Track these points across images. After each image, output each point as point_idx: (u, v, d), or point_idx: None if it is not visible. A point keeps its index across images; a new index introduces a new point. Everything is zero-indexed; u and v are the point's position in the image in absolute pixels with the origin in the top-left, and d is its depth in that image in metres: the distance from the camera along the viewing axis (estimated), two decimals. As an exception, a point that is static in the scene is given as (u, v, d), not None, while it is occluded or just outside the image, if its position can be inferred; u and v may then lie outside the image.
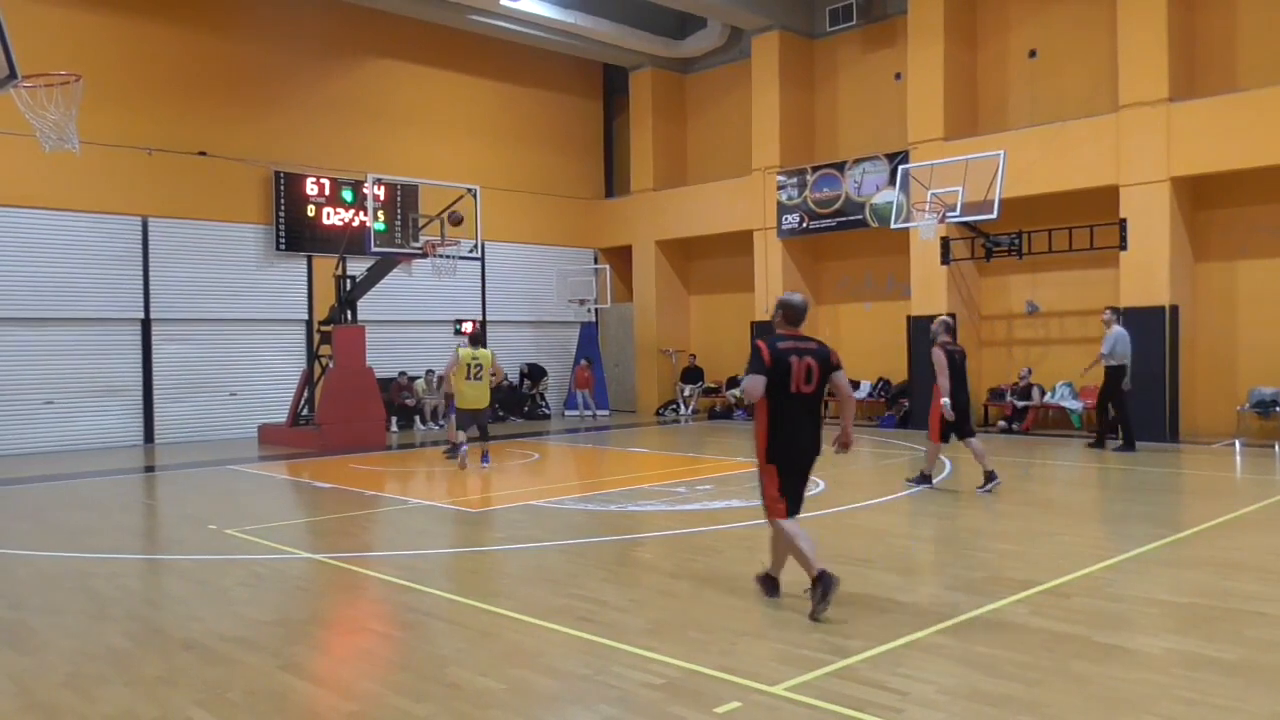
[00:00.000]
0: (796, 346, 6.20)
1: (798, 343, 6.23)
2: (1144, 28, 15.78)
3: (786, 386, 6.12)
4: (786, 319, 6.36)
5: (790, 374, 6.12)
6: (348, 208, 19.81)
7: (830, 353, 6.30)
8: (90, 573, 7.62)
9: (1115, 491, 11.72)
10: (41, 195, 16.41)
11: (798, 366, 6.13)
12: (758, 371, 6.08)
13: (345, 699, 4.82)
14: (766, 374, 6.07)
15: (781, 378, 6.11)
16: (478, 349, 13.16)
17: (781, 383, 6.11)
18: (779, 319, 6.42)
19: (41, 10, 16.13)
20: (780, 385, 6.11)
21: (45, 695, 4.90)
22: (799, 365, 6.13)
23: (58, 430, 16.71)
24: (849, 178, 19.79)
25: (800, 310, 6.34)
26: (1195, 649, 5.30)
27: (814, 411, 6.31)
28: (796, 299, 6.39)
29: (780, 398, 6.14)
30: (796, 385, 6.15)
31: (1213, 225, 16.27)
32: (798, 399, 6.17)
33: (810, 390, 6.20)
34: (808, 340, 6.30)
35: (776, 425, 6.20)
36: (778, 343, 6.18)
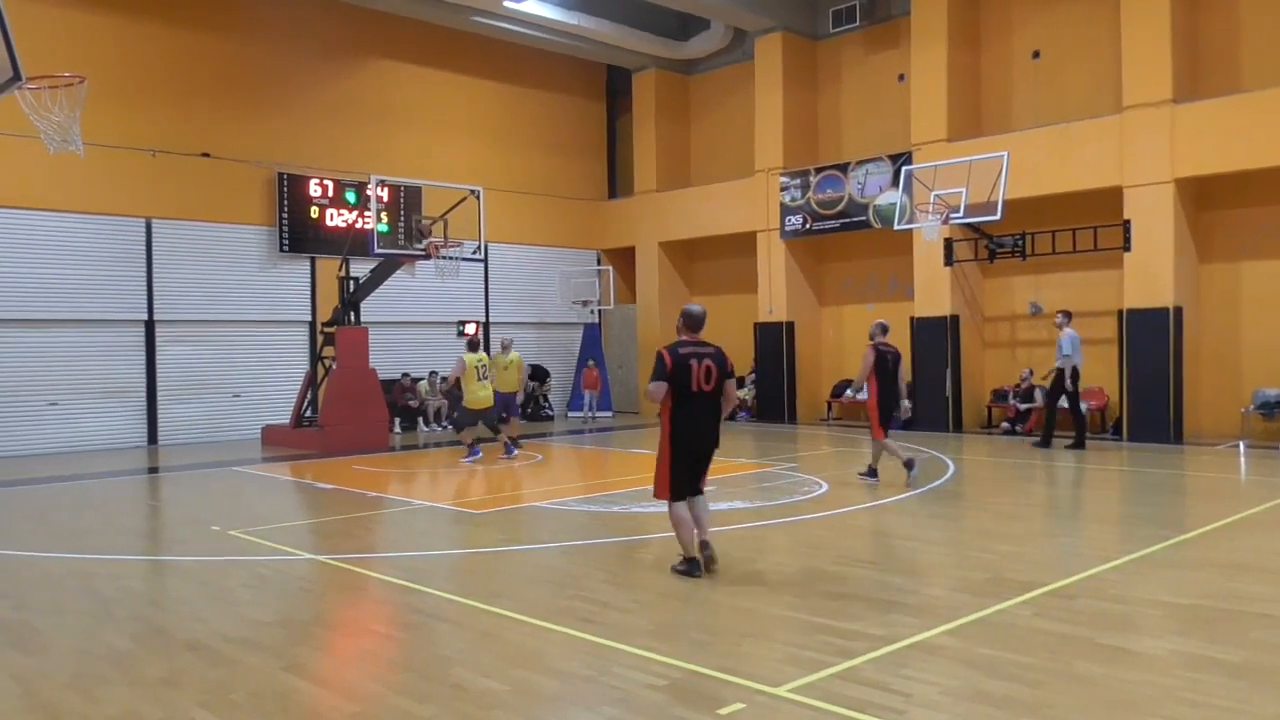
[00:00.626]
0: (696, 351, 7.04)
1: (697, 348, 7.06)
2: (1148, 29, 15.76)
3: (688, 387, 6.97)
4: (687, 326, 7.24)
5: (691, 376, 6.97)
6: (351, 209, 19.82)
7: (726, 358, 7.17)
8: (94, 574, 7.63)
9: (1119, 493, 11.70)
10: (45, 197, 16.44)
11: (697, 369, 6.99)
12: (660, 378, 6.96)
13: (348, 700, 4.83)
14: (668, 378, 6.94)
15: (683, 380, 6.95)
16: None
17: (684, 384, 6.95)
18: (681, 326, 7.29)
19: (46, 12, 16.16)
20: (683, 386, 6.95)
21: (49, 696, 4.91)
22: (699, 368, 6.99)
23: (62, 431, 16.73)
24: (852, 179, 19.78)
25: (699, 319, 7.23)
26: (1199, 651, 5.29)
27: (714, 408, 7.13)
28: (695, 309, 7.32)
29: (683, 396, 6.98)
30: (697, 385, 7.00)
31: (1217, 226, 16.24)
32: (698, 397, 7.02)
33: (710, 389, 7.05)
34: (706, 345, 7.12)
35: (679, 420, 7.04)
36: (679, 349, 7.04)
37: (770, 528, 9.18)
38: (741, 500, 10.58)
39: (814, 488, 11.39)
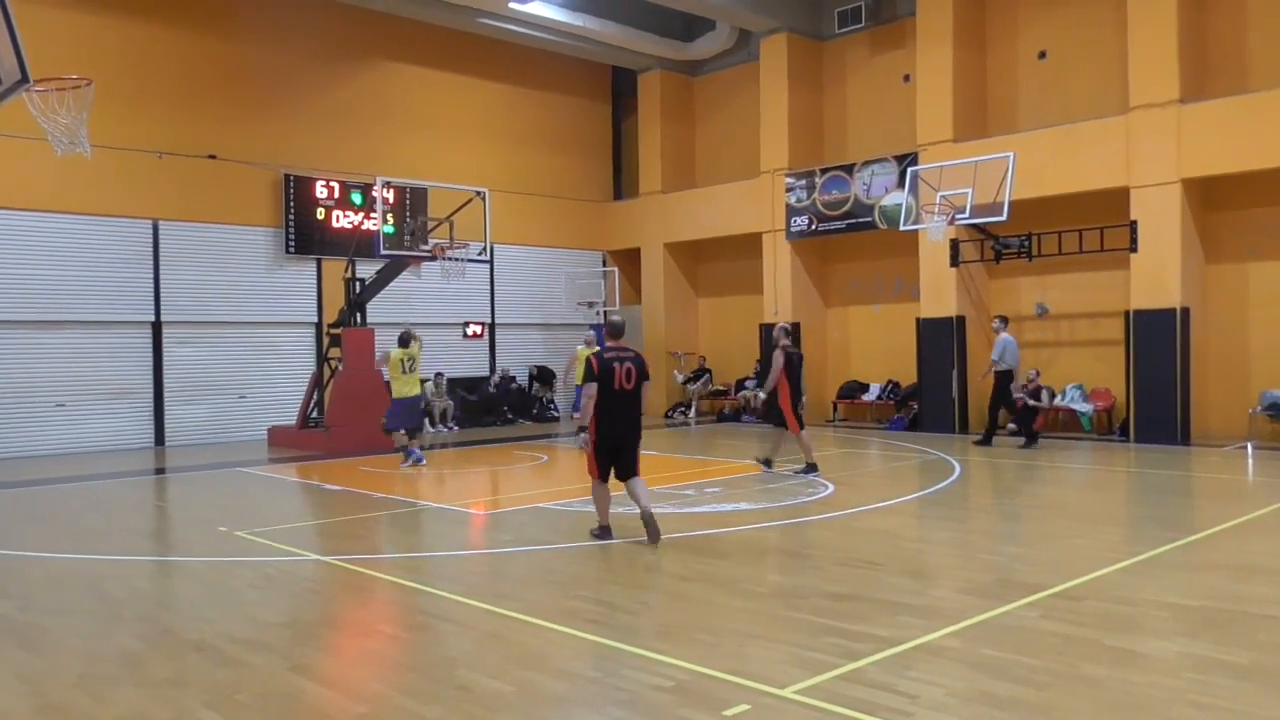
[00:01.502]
0: (619, 355, 8.36)
1: (620, 353, 8.39)
2: (1154, 29, 15.72)
3: (611, 386, 8.24)
4: (611, 334, 8.62)
5: (614, 377, 8.26)
6: (357, 211, 19.85)
7: (644, 361, 8.53)
8: (101, 574, 7.65)
9: (1126, 494, 11.68)
10: (53, 199, 16.49)
11: (619, 371, 8.29)
12: (590, 379, 8.29)
13: (355, 701, 4.83)
14: (597, 379, 8.22)
15: (608, 380, 8.24)
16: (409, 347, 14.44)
17: (608, 384, 8.23)
18: (606, 334, 8.67)
19: (53, 15, 16.22)
20: (607, 386, 8.23)
21: (57, 696, 4.92)
22: (620, 370, 8.30)
23: (69, 432, 16.78)
24: (858, 180, 19.76)
25: (620, 328, 8.66)
26: (1207, 653, 5.27)
27: (633, 404, 8.38)
28: (617, 319, 8.73)
29: (607, 394, 8.25)
30: (619, 384, 8.27)
31: (1224, 227, 16.20)
32: (620, 395, 8.31)
33: (630, 388, 8.33)
34: (627, 350, 8.46)
35: (604, 414, 8.31)
36: (604, 354, 8.37)
37: (775, 529, 9.18)
38: (747, 501, 10.57)
39: (819, 489, 11.38)
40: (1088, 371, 17.61)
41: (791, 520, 9.52)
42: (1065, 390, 17.68)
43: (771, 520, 9.52)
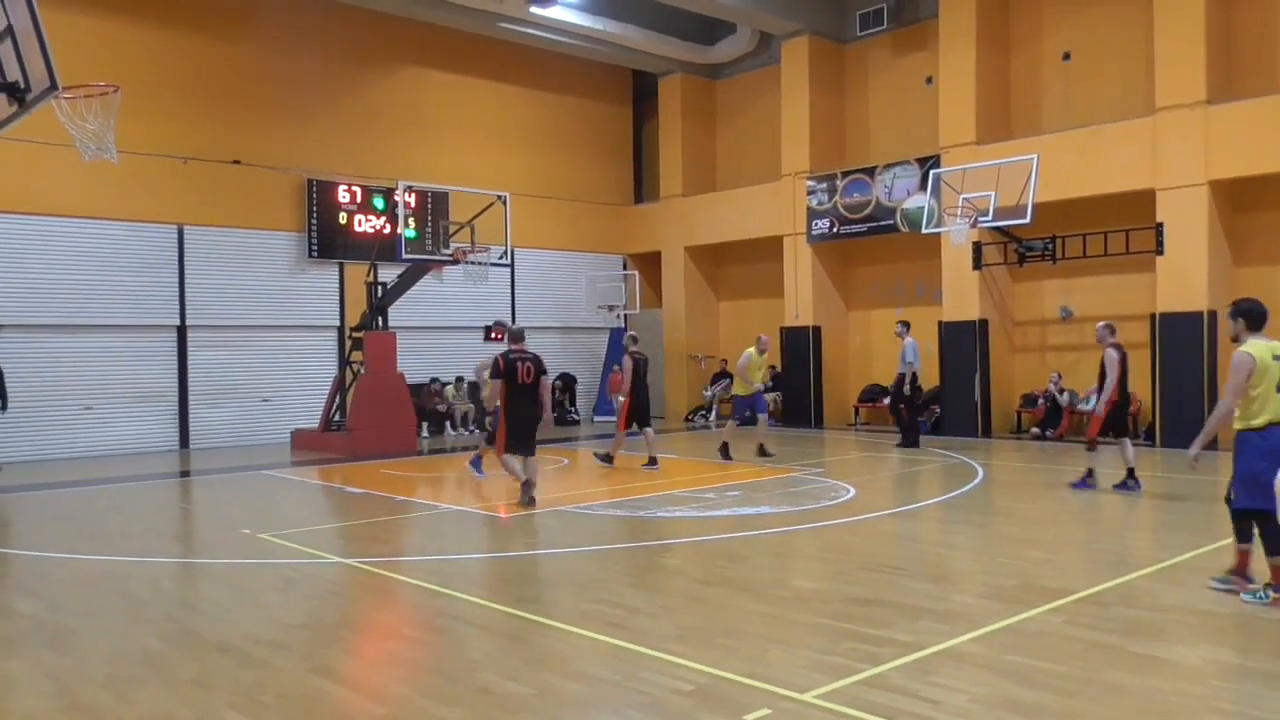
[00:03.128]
0: (521, 356, 10.66)
1: (521, 354, 10.69)
2: (1181, 28, 15.57)
3: (515, 380, 10.56)
4: (512, 339, 10.84)
5: (517, 373, 10.56)
6: (379, 215, 19.96)
7: (541, 360, 10.79)
8: (127, 575, 7.72)
9: (1151, 500, 11.56)
10: (80, 204, 16.68)
11: (521, 369, 10.60)
12: (496, 376, 10.60)
13: (376, 703, 4.85)
14: (503, 376, 10.54)
15: (512, 376, 10.55)
16: None
17: (513, 379, 10.55)
18: (508, 339, 10.87)
19: (81, 23, 16.40)
20: (512, 380, 10.55)
21: (84, 696, 4.97)
22: (522, 368, 10.61)
23: (96, 435, 16.95)
24: (879, 183, 19.68)
25: (520, 334, 10.89)
26: (1235, 660, 5.21)
27: (533, 396, 10.72)
28: (516, 328, 10.98)
29: (513, 388, 10.58)
30: (522, 380, 10.59)
31: (1253, 229, 16.01)
32: (523, 388, 10.62)
33: (530, 382, 10.64)
34: (527, 352, 10.76)
35: (511, 403, 10.62)
36: (509, 354, 10.65)
37: (797, 533, 9.15)
38: (768, 505, 10.55)
39: (841, 493, 11.34)
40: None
41: (813, 524, 9.49)
42: (1089, 394, 17.51)
43: (792, 524, 9.49)
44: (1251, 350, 6.40)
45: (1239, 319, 6.65)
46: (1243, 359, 6.38)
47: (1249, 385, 6.35)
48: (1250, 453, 6.44)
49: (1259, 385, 6.34)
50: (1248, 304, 6.67)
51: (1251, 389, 6.37)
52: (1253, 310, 6.60)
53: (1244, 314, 6.62)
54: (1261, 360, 6.33)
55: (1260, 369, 6.32)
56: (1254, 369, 6.33)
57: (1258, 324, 6.58)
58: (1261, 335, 6.55)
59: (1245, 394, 6.36)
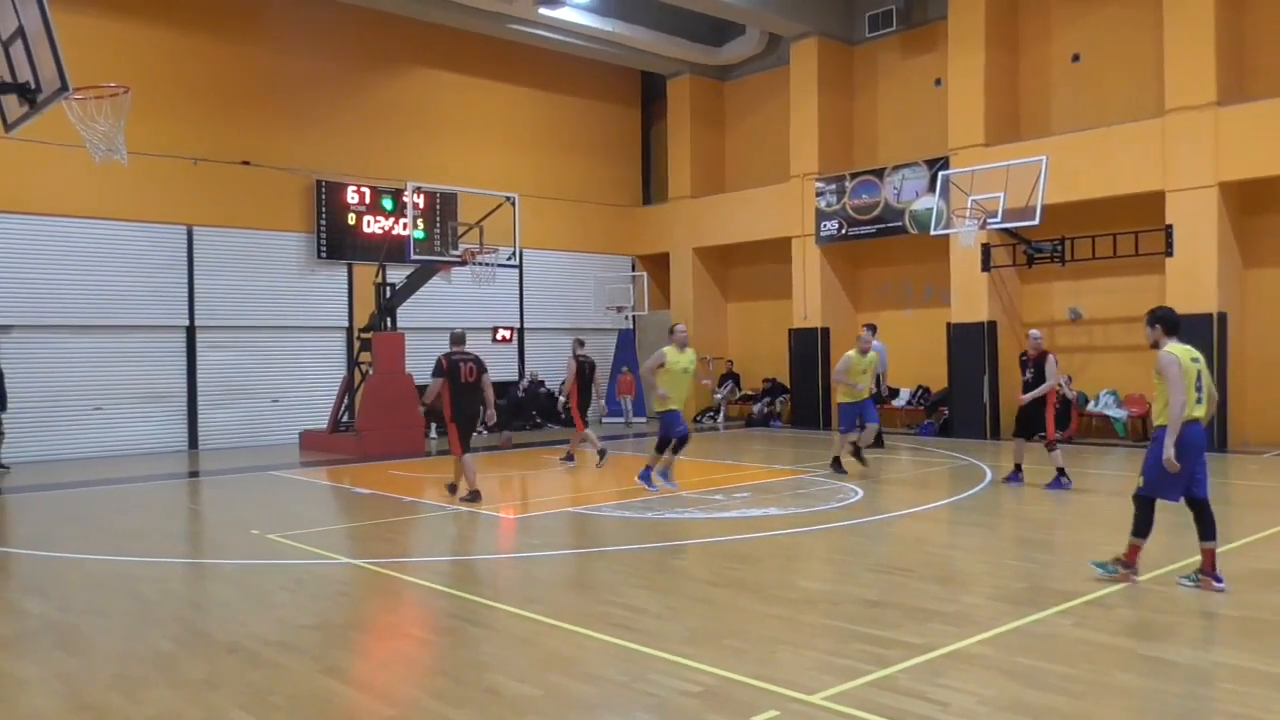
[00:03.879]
0: (463, 357, 11.19)
1: (463, 355, 11.21)
2: (1191, 30, 15.52)
3: (459, 379, 11.08)
4: (455, 342, 11.39)
5: (459, 372, 11.08)
6: (388, 216, 19.99)
7: (482, 361, 11.33)
8: (137, 576, 7.75)
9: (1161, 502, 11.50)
10: (90, 205, 16.75)
11: (464, 368, 11.13)
12: (438, 375, 11.10)
13: (385, 703, 4.86)
14: (445, 375, 11.06)
15: (456, 376, 11.07)
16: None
17: (456, 378, 11.07)
18: (451, 341, 11.40)
19: (92, 24, 16.46)
20: (455, 380, 11.07)
21: (93, 696, 4.99)
22: (464, 368, 11.14)
23: (105, 436, 17.01)
24: (888, 184, 19.66)
25: (461, 337, 11.50)
26: (1244, 662, 5.19)
27: (475, 394, 11.22)
28: (457, 331, 11.58)
29: (456, 387, 11.10)
30: (465, 379, 11.10)
31: (1262, 231, 15.95)
32: (466, 386, 11.14)
33: (472, 381, 11.17)
34: (468, 353, 11.30)
35: (455, 402, 11.15)
36: (452, 355, 11.17)
37: (805, 534, 9.14)
38: (775, 507, 10.54)
39: (848, 494, 11.32)
40: (1122, 377, 17.39)
41: (821, 526, 9.48)
42: (1099, 396, 17.48)
43: (801, 526, 9.48)
44: (1175, 351, 6.90)
45: (1156, 325, 7.18)
46: (1170, 358, 6.86)
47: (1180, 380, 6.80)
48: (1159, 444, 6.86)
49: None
50: (1163, 311, 7.26)
51: None
52: (1167, 317, 7.18)
53: (1160, 320, 7.17)
54: (1183, 361, 6.84)
55: (1182, 369, 6.81)
56: (1181, 368, 6.80)
57: (1173, 329, 7.13)
58: (1177, 339, 7.07)
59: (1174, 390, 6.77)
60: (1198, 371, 6.89)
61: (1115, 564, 7.05)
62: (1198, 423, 6.88)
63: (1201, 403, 6.89)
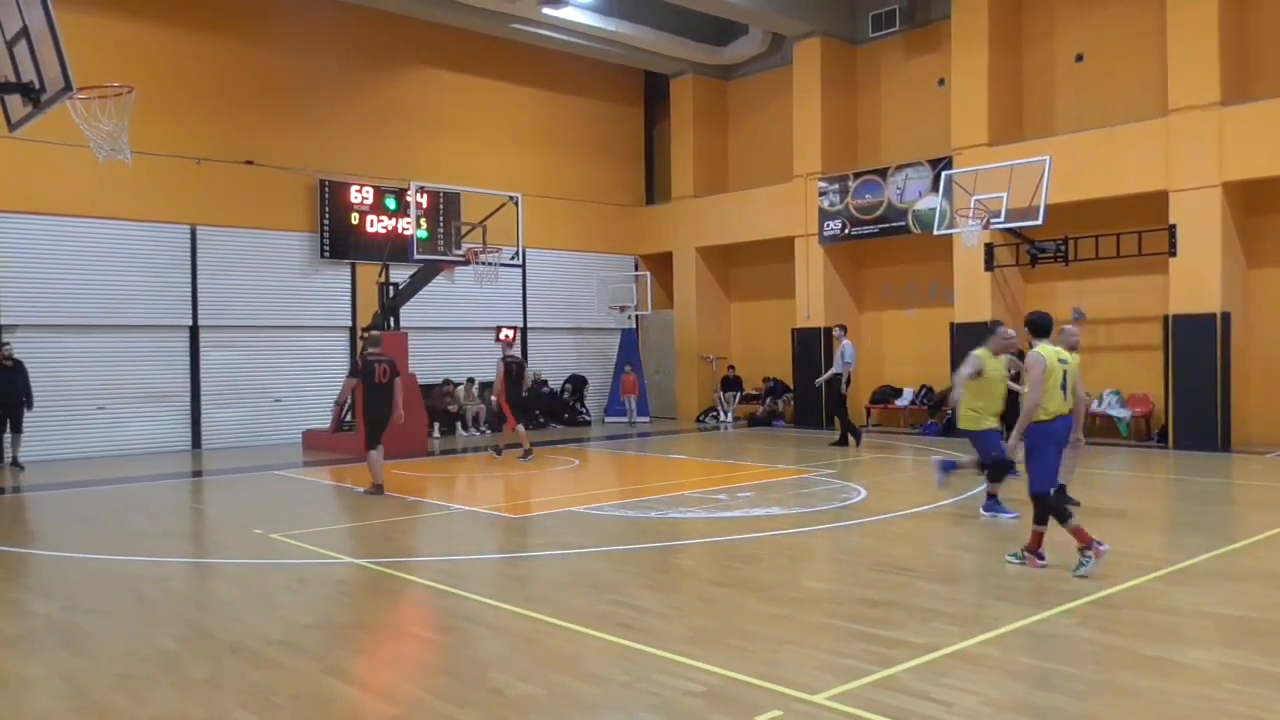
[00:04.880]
0: (378, 358, 11.83)
1: (379, 357, 11.86)
2: (1195, 30, 15.50)
3: (373, 379, 11.76)
4: (372, 343, 12.05)
5: (374, 373, 11.73)
6: (391, 215, 20.01)
7: (396, 363, 12.07)
8: (140, 576, 7.75)
9: (1165, 501, 11.51)
10: (93, 205, 16.77)
11: (379, 369, 11.77)
12: (353, 375, 12.01)
13: (388, 703, 4.86)
14: (360, 375, 11.82)
15: (370, 376, 11.73)
16: None
17: (370, 378, 11.74)
18: (369, 343, 12.07)
19: (95, 24, 16.48)
20: (370, 379, 11.75)
21: (97, 696, 4.99)
22: (379, 368, 11.78)
23: (108, 435, 17.03)
24: (891, 184, 19.64)
25: (379, 339, 12.26)
26: (1249, 663, 5.18)
27: (389, 393, 11.85)
28: (376, 334, 12.29)
29: (370, 386, 11.77)
30: (378, 379, 11.77)
31: (1266, 231, 15.92)
32: (380, 386, 11.81)
33: (386, 381, 11.81)
34: (385, 355, 12.01)
35: (370, 400, 11.80)
36: (368, 357, 11.86)
37: (808, 534, 9.13)
38: (779, 507, 10.53)
39: (852, 494, 11.31)
40: (1125, 377, 17.37)
41: (824, 525, 9.47)
42: (1102, 396, 17.45)
43: (804, 525, 9.48)
44: (1042, 352, 7.35)
45: (1026, 328, 7.74)
46: (1036, 358, 7.31)
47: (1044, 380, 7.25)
48: (1039, 440, 7.34)
49: (1046, 383, 7.27)
50: (1034, 315, 7.74)
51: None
52: (1038, 321, 7.66)
53: (1029, 324, 7.70)
54: (1049, 361, 7.29)
55: (1049, 369, 7.26)
56: (1046, 368, 7.25)
57: (1042, 333, 7.59)
58: (1046, 341, 7.53)
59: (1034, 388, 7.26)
60: (1064, 372, 7.37)
61: (1023, 553, 7.51)
62: (1067, 417, 7.43)
63: (1068, 399, 7.41)
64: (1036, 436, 7.34)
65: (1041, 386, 7.22)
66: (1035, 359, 7.31)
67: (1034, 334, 7.60)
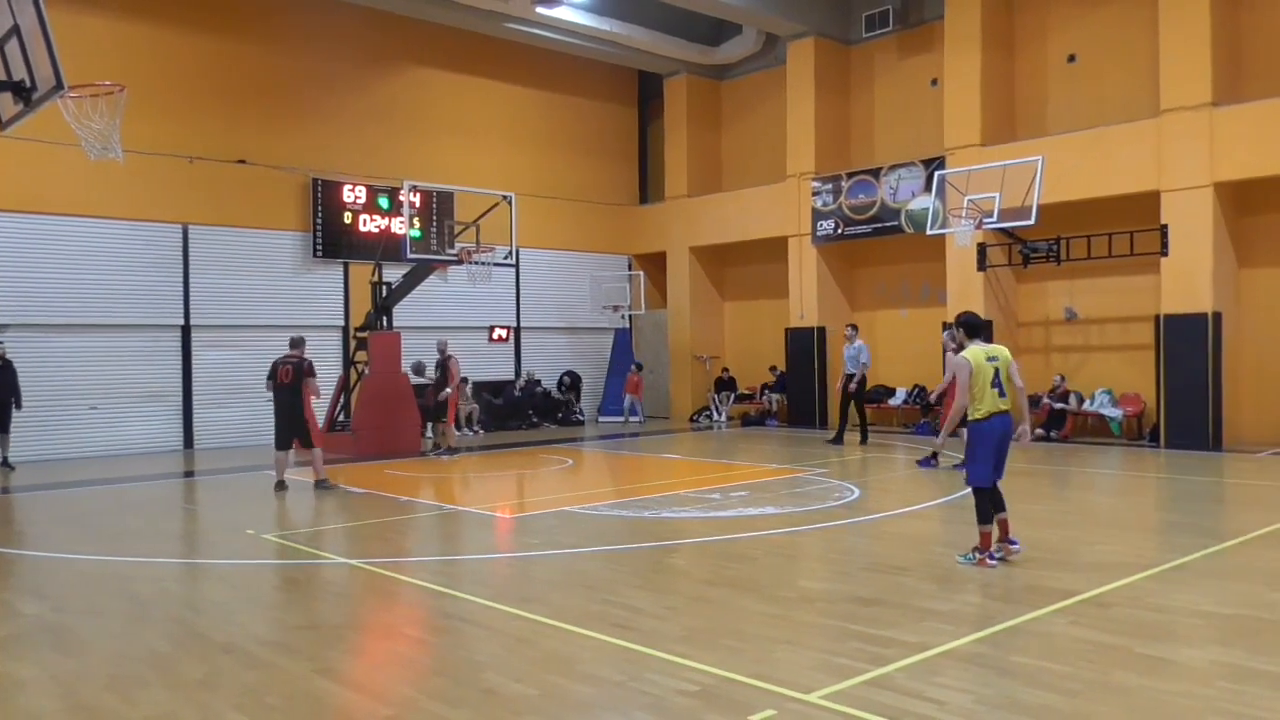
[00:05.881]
0: (285, 360, 12.13)
1: (287, 358, 12.12)
2: (1186, 30, 15.55)
3: (275, 379, 12.12)
4: (293, 346, 12.20)
5: (276, 373, 12.17)
6: (384, 215, 19.98)
7: (303, 365, 12.15)
8: (132, 576, 7.73)
9: (1156, 500, 11.54)
10: (86, 203, 16.71)
11: (282, 370, 12.12)
12: (271, 377, 12.15)
13: (381, 704, 4.85)
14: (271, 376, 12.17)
15: (272, 376, 12.14)
16: None
17: (273, 377, 12.10)
18: (290, 345, 12.24)
19: (87, 22, 16.43)
20: (272, 379, 12.11)
21: (88, 697, 4.97)
22: (282, 369, 12.13)
23: (100, 435, 16.97)
24: (884, 184, 19.67)
25: (299, 342, 12.28)
26: (1241, 661, 5.20)
27: (286, 396, 12.14)
28: (296, 336, 12.35)
29: (274, 386, 12.15)
30: (280, 380, 12.12)
31: (1257, 231, 15.99)
32: (281, 387, 12.16)
33: (287, 383, 12.10)
34: (294, 356, 12.16)
35: (274, 403, 12.13)
36: (278, 359, 12.16)
37: (802, 534, 9.14)
38: (772, 506, 10.54)
39: (846, 493, 11.33)
40: (1117, 376, 17.43)
41: (818, 525, 9.48)
42: (1094, 395, 17.51)
43: (797, 525, 9.49)
44: (968, 355, 7.45)
45: (959, 329, 7.79)
46: (961, 362, 7.45)
47: (971, 383, 7.38)
48: (974, 439, 7.50)
49: (976, 384, 7.38)
50: (966, 316, 7.81)
51: (972, 387, 7.41)
52: (970, 322, 7.74)
53: (962, 325, 7.75)
54: (976, 362, 7.38)
55: (976, 370, 7.36)
56: (972, 370, 7.36)
57: (974, 333, 7.67)
58: (979, 341, 7.60)
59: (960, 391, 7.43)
60: (995, 369, 7.41)
61: (973, 553, 7.57)
62: (1004, 414, 7.47)
63: (1004, 396, 7.45)
64: (973, 435, 7.50)
65: (966, 387, 7.36)
66: (960, 363, 7.44)
67: (968, 335, 7.67)
